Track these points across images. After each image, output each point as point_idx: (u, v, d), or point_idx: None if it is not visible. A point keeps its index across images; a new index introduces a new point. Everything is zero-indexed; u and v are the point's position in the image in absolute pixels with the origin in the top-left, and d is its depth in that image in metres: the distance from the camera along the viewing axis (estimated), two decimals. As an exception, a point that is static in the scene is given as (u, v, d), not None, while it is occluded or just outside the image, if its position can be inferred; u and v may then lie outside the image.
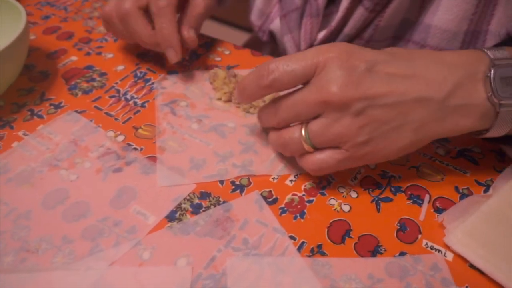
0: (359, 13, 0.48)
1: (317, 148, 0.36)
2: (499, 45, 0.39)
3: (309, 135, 0.36)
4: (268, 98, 0.46)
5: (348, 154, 0.35)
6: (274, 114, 0.37)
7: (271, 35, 0.62)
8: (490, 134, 0.36)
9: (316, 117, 0.35)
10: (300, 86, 0.36)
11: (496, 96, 0.34)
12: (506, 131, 0.36)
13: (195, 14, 0.49)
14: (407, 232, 0.37)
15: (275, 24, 0.60)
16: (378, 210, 0.38)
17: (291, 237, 0.36)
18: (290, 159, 0.42)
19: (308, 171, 0.38)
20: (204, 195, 0.39)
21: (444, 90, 0.34)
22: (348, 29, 0.50)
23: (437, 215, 0.38)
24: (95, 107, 0.48)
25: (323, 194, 0.39)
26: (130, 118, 0.46)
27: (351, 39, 0.52)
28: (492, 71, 0.34)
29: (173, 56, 0.48)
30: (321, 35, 0.53)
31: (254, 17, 0.64)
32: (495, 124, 0.35)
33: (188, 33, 0.49)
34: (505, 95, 0.33)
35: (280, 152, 0.40)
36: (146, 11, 0.47)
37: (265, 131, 0.45)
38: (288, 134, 0.37)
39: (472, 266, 0.34)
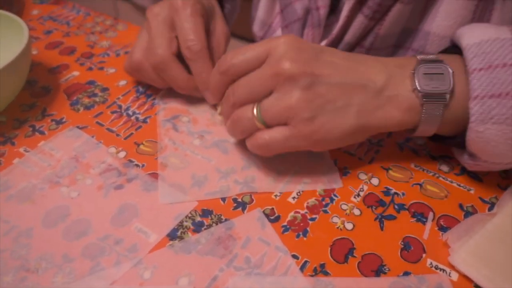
0: (359, 21, 0.48)
1: (267, 127, 0.38)
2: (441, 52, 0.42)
3: (260, 111, 0.37)
4: None
5: (295, 131, 0.37)
6: (232, 94, 0.40)
7: None
8: (420, 131, 0.39)
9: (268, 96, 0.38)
10: None
11: (420, 89, 0.37)
12: (434, 129, 0.39)
13: (221, 51, 0.49)
14: (411, 251, 0.36)
15: (277, 35, 0.60)
16: (382, 228, 0.38)
17: (294, 256, 0.36)
18: (293, 175, 0.42)
19: (256, 149, 0.39)
20: (205, 213, 0.39)
21: (380, 81, 0.38)
22: (348, 37, 0.51)
23: (442, 234, 0.37)
24: (97, 122, 0.47)
25: (326, 211, 0.39)
26: (131, 134, 0.46)
27: (352, 48, 0.52)
28: (417, 68, 0.38)
29: (212, 98, 0.47)
30: (322, 44, 0.53)
31: (256, 28, 0.64)
32: (422, 119, 0.38)
33: None
34: (428, 88, 0.37)
35: (231, 134, 0.42)
36: (179, 56, 0.46)
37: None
38: (241, 112, 0.39)
39: (477, 286, 0.34)
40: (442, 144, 0.43)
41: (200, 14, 0.46)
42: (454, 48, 0.40)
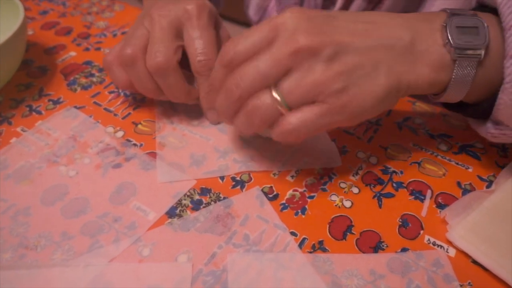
0: (357, 4, 0.48)
1: (291, 110, 0.34)
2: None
3: (282, 94, 0.33)
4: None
5: (326, 107, 0.33)
6: (235, 86, 0.34)
7: None
8: (449, 94, 0.36)
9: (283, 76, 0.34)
10: None
11: (452, 42, 0.33)
12: (464, 91, 0.35)
13: None
14: (409, 228, 0.36)
15: None
16: (380, 206, 0.38)
17: (292, 233, 0.36)
18: (292, 154, 0.42)
19: (285, 137, 0.35)
20: (204, 191, 0.39)
21: (406, 36, 0.34)
22: None
23: (439, 211, 0.38)
24: (94, 102, 0.47)
25: (324, 190, 0.39)
26: (129, 113, 0.46)
27: None
28: (449, 20, 0.34)
29: (214, 118, 0.45)
30: None
31: (252, 12, 0.63)
32: (453, 78, 0.34)
33: None
34: (460, 42, 0.33)
35: (245, 128, 0.36)
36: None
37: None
38: (256, 100, 0.34)
39: (474, 262, 0.34)
40: (461, 114, 0.41)
41: (213, 25, 0.42)
42: (482, 9, 0.37)
